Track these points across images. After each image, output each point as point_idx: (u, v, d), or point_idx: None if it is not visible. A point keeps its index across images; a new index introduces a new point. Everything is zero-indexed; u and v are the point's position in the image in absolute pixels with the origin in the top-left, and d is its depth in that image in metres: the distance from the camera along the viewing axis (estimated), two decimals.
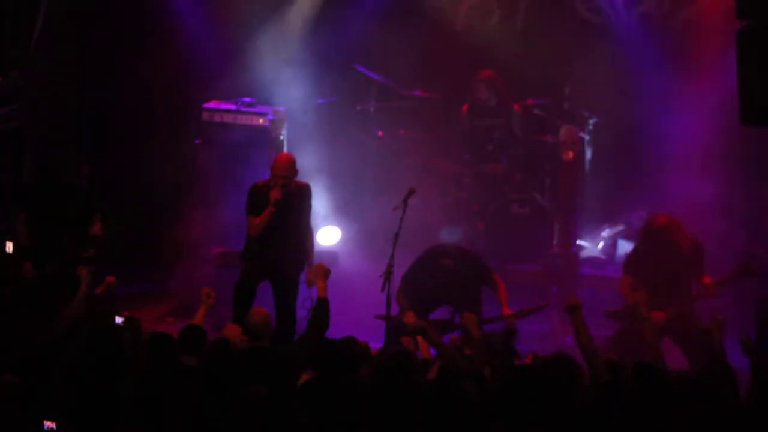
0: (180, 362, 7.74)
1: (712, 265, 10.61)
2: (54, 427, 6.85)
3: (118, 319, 8.58)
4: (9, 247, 10.30)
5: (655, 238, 10.51)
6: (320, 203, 12.73)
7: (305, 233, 10.79)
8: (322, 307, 8.80)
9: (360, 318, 11.24)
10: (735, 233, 12.63)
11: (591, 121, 13.38)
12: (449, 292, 10.68)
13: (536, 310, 10.70)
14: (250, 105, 13.22)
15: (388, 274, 9.80)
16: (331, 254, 12.61)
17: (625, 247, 12.72)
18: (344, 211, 13.38)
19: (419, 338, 8.94)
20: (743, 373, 7.97)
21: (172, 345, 7.91)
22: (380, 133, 13.70)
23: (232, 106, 13.20)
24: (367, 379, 7.65)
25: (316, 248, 11.29)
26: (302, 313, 10.85)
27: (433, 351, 8.75)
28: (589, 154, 13.42)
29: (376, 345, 9.52)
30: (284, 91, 13.44)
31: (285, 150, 13.09)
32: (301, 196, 10.71)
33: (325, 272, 9.03)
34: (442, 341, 8.67)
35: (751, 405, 7.32)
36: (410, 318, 9.08)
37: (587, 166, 13.41)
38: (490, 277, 10.73)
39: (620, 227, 13.45)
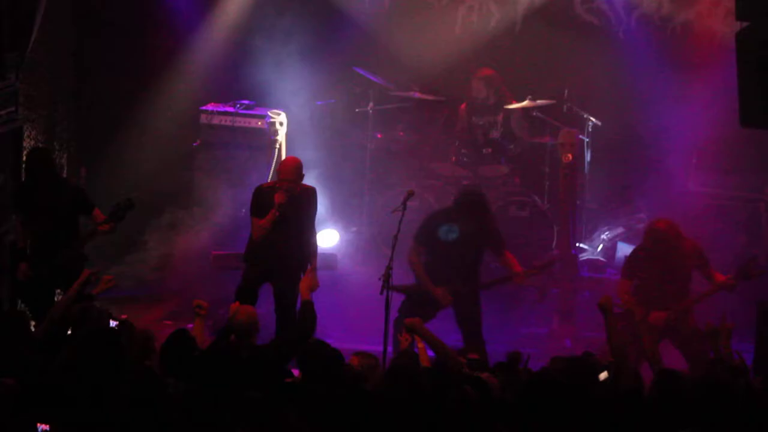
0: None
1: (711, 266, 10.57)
2: (47, 429, 6.83)
3: (113, 323, 8.54)
4: None
5: (655, 242, 10.46)
6: (319, 205, 12.70)
7: (308, 236, 10.75)
8: (308, 310, 8.73)
9: (358, 320, 11.23)
10: (734, 234, 12.62)
11: (590, 123, 13.35)
12: (460, 247, 10.57)
13: (546, 266, 10.63)
14: (248, 107, 13.20)
15: (387, 277, 9.77)
16: (329, 257, 12.58)
17: (624, 249, 12.67)
18: (343, 214, 13.34)
19: (417, 339, 8.87)
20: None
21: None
22: (379, 135, 13.66)
23: (230, 109, 13.17)
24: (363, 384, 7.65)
25: None
26: None
27: (431, 353, 8.69)
28: (588, 156, 13.40)
29: (375, 346, 9.50)
30: (282, 94, 13.42)
31: (284, 153, 13.07)
32: (308, 199, 10.68)
33: (313, 286, 9.15)
34: (436, 338, 8.58)
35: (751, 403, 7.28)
36: (408, 323, 8.99)
37: (587, 168, 13.39)
38: (499, 240, 10.71)
39: (620, 230, 13.42)
